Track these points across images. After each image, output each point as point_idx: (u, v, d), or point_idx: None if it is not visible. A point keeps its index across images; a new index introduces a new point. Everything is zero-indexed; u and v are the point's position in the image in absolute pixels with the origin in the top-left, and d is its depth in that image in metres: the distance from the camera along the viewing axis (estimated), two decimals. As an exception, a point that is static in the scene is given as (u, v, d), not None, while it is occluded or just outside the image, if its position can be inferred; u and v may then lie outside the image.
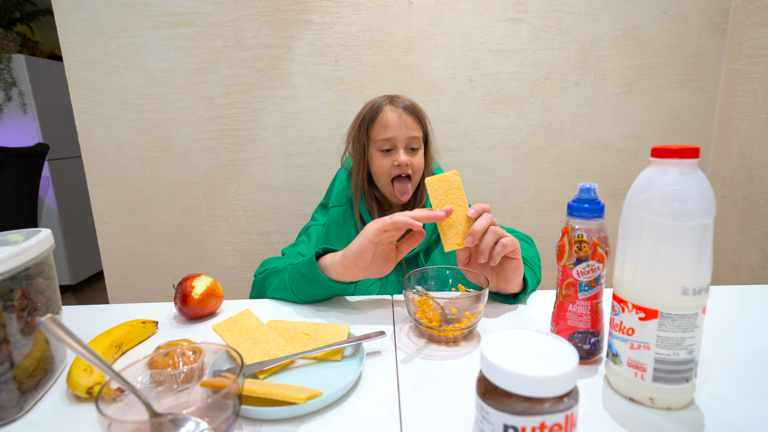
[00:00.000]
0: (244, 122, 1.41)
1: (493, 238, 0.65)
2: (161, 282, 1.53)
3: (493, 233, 0.65)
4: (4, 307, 0.47)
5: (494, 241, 0.65)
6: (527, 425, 0.34)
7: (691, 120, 1.46)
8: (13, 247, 0.48)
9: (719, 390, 0.49)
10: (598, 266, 0.52)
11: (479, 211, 0.66)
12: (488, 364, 0.36)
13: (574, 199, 0.52)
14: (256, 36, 1.35)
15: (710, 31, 1.39)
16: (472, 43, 1.38)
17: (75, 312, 0.75)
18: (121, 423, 0.38)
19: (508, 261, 0.68)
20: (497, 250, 0.65)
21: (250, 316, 0.70)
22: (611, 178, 1.50)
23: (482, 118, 1.44)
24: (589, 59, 1.40)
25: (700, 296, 0.43)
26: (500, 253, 0.65)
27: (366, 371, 0.55)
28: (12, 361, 0.47)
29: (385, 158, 0.93)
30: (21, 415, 0.49)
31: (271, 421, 0.47)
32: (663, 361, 0.44)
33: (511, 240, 0.66)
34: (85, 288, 2.99)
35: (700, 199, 0.42)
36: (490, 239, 0.64)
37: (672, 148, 0.43)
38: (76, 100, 1.38)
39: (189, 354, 0.50)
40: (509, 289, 0.71)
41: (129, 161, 1.43)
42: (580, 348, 0.54)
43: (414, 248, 0.70)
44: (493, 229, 0.65)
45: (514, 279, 0.70)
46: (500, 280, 0.71)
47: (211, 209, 1.47)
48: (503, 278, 0.70)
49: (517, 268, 0.69)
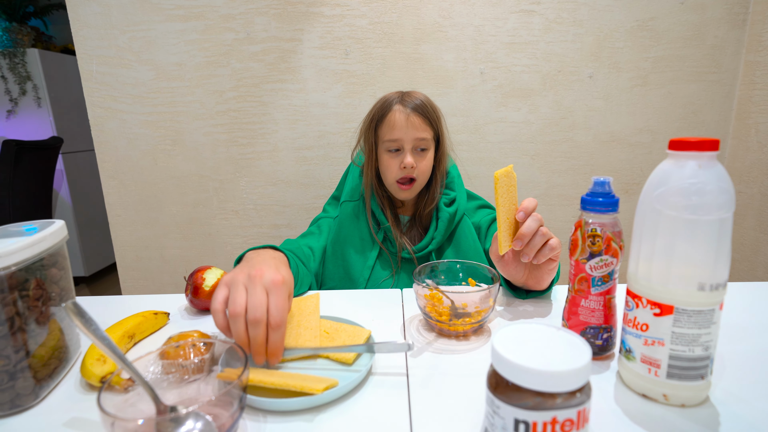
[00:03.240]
0: (254, 116, 1.42)
1: (540, 240, 0.62)
2: (173, 274, 1.54)
3: (542, 236, 0.62)
4: (20, 297, 0.47)
5: (542, 243, 0.62)
6: (538, 420, 0.34)
7: (708, 113, 1.43)
8: (28, 238, 0.49)
9: (735, 387, 0.48)
10: (611, 261, 0.51)
11: (528, 213, 0.63)
12: (500, 358, 0.35)
13: (588, 193, 0.51)
14: (266, 29, 1.35)
15: (729, 22, 1.36)
16: (484, 36, 1.36)
17: (88, 302, 0.76)
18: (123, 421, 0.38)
19: (548, 262, 0.66)
20: (544, 253, 0.63)
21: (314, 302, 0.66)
22: (624, 173, 1.48)
23: (493, 112, 1.42)
24: (604, 51, 1.38)
25: (717, 292, 0.42)
26: (546, 256, 0.63)
27: (376, 364, 0.55)
28: (27, 350, 0.48)
29: (393, 159, 0.92)
30: (36, 402, 0.50)
31: (277, 413, 0.47)
32: (678, 358, 0.43)
33: (557, 242, 0.64)
34: (99, 280, 3.04)
35: (719, 193, 0.41)
36: (538, 242, 0.62)
37: (690, 141, 0.42)
38: (88, 94, 1.40)
39: (200, 345, 0.50)
40: (538, 287, 0.70)
41: (141, 154, 1.44)
42: (593, 343, 0.53)
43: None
44: (542, 231, 0.62)
45: (548, 279, 0.68)
46: (531, 278, 0.69)
47: (221, 202, 1.48)
48: (536, 277, 0.68)
49: (554, 269, 0.67)
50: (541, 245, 0.62)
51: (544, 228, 0.63)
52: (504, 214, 0.63)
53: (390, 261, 0.95)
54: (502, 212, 0.62)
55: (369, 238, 0.96)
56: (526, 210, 0.62)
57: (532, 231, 0.61)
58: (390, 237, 0.96)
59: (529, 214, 0.63)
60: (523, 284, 0.71)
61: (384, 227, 0.96)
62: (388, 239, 0.96)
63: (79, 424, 0.46)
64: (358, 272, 0.94)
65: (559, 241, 0.64)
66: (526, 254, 0.63)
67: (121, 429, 0.38)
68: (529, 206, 0.63)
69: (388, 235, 0.96)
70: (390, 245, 0.96)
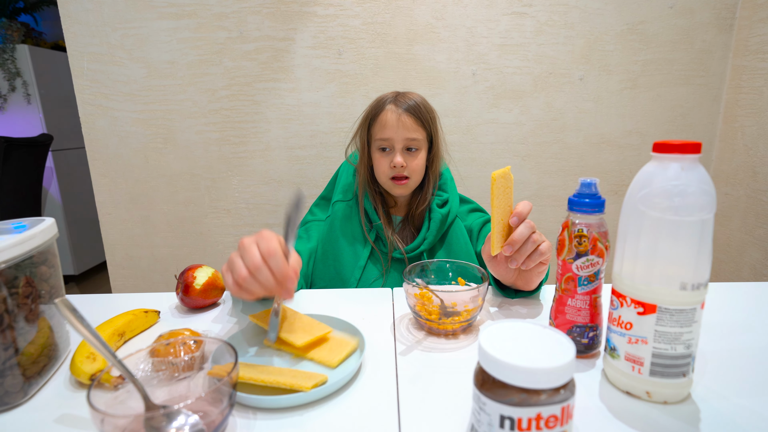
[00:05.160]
0: (246, 114, 1.41)
1: (531, 247, 0.62)
2: (164, 273, 1.53)
3: (533, 242, 0.62)
4: (9, 295, 0.47)
5: (532, 249, 0.63)
6: (523, 416, 0.35)
7: (696, 116, 1.45)
8: (18, 235, 0.49)
9: (716, 385, 0.50)
10: (597, 261, 0.52)
11: (521, 218, 0.63)
12: (486, 355, 0.36)
13: (575, 194, 0.52)
14: (259, 28, 1.35)
15: (717, 27, 1.38)
16: (476, 37, 1.37)
17: (78, 301, 0.76)
18: (113, 417, 0.38)
19: (538, 266, 0.66)
20: (533, 258, 0.63)
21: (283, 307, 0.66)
22: (614, 174, 1.50)
23: (485, 113, 1.43)
24: (594, 54, 1.39)
25: (698, 291, 0.43)
26: (535, 261, 0.63)
27: (365, 362, 0.56)
28: (16, 348, 0.48)
29: (384, 158, 0.94)
30: (25, 400, 0.49)
31: (267, 410, 0.47)
32: (660, 356, 0.44)
33: (548, 247, 0.64)
34: (89, 278, 3.01)
35: (701, 194, 0.42)
36: (528, 248, 0.62)
37: (673, 143, 0.43)
38: (79, 91, 1.39)
39: (190, 343, 0.50)
40: (527, 287, 0.70)
41: (132, 152, 1.44)
42: (579, 342, 0.54)
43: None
44: (534, 237, 0.62)
45: (537, 280, 0.69)
46: (520, 279, 0.70)
47: (213, 201, 1.48)
48: (525, 278, 0.69)
49: (543, 272, 0.68)
50: (532, 251, 0.63)
51: (536, 234, 0.63)
52: (499, 215, 0.63)
53: (381, 261, 0.96)
54: (497, 213, 0.63)
55: (361, 238, 0.97)
56: (520, 215, 0.63)
57: (523, 238, 0.62)
58: (382, 236, 0.96)
59: (523, 219, 0.63)
60: (512, 284, 0.72)
61: (376, 225, 0.96)
62: (380, 239, 0.97)
63: (69, 420, 0.46)
64: (349, 272, 0.95)
65: (550, 245, 0.65)
66: (515, 260, 0.63)
67: (111, 426, 0.38)
68: (524, 211, 0.63)
69: (380, 235, 0.96)
70: (382, 245, 0.97)
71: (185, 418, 0.42)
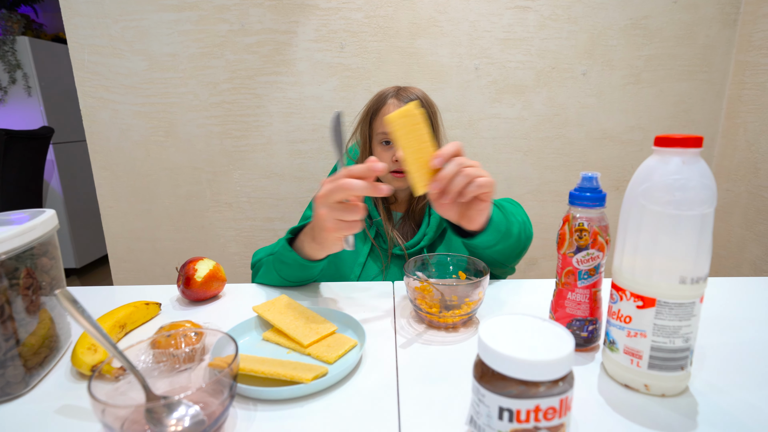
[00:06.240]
0: (248, 108, 1.41)
1: (463, 180, 0.61)
2: (165, 266, 1.54)
3: (465, 176, 0.61)
4: (10, 286, 0.47)
5: (464, 183, 0.61)
6: (522, 408, 0.35)
7: (698, 112, 1.45)
8: (18, 227, 0.49)
9: (714, 378, 0.50)
10: (597, 255, 0.52)
11: (445, 158, 0.61)
12: (485, 347, 0.36)
13: (576, 188, 0.52)
14: (261, 21, 1.34)
15: (721, 22, 1.37)
16: (479, 31, 1.37)
17: (79, 293, 0.76)
18: (114, 408, 0.38)
19: (477, 202, 0.65)
20: (470, 189, 0.61)
21: (286, 299, 0.68)
22: (615, 170, 1.49)
23: (487, 108, 1.43)
24: (597, 49, 1.38)
25: (698, 285, 0.43)
26: (472, 193, 0.61)
27: (366, 355, 0.56)
28: (17, 339, 0.48)
29: (385, 152, 0.94)
30: (27, 390, 0.50)
31: (267, 401, 0.47)
32: (659, 349, 0.45)
33: (488, 182, 0.62)
34: (90, 272, 3.02)
35: (702, 189, 0.42)
36: (460, 182, 0.61)
37: (675, 137, 0.43)
38: (80, 83, 1.38)
39: (191, 335, 0.50)
40: (471, 226, 0.68)
41: (133, 145, 1.43)
42: (578, 335, 0.55)
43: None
44: (467, 171, 0.61)
45: (479, 219, 0.67)
46: (464, 217, 0.68)
47: (214, 195, 1.48)
48: (468, 216, 0.67)
49: (484, 210, 0.66)
50: (464, 184, 0.61)
51: (471, 169, 0.61)
52: (412, 155, 0.61)
53: (381, 257, 0.96)
54: (408, 153, 0.61)
55: (361, 234, 0.97)
56: (443, 155, 0.61)
57: (449, 173, 0.60)
58: (382, 232, 0.96)
59: (447, 158, 0.61)
60: (457, 222, 0.70)
61: (376, 221, 0.96)
62: (380, 235, 0.97)
63: (70, 411, 0.47)
64: (348, 269, 0.95)
65: (491, 180, 0.62)
66: (447, 195, 0.62)
67: (112, 416, 0.38)
68: (447, 152, 0.61)
69: (380, 231, 0.96)
70: (382, 241, 0.97)
71: (186, 409, 0.42)
